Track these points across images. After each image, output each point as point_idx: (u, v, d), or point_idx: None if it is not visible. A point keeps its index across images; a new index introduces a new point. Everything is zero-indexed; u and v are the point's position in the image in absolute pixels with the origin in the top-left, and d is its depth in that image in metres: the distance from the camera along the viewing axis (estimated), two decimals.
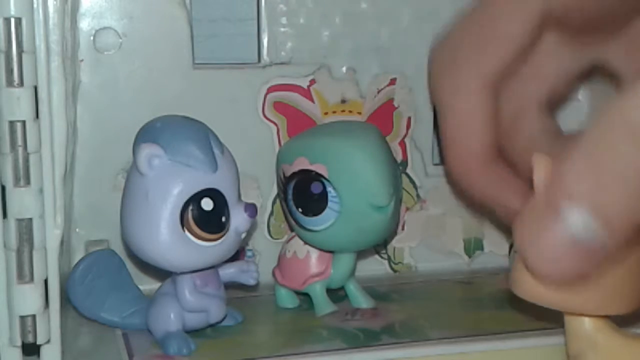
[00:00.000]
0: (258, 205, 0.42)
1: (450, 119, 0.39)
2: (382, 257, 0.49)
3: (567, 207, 0.27)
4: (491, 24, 0.38)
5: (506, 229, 0.40)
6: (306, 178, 0.41)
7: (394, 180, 0.41)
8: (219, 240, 0.37)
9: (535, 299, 0.30)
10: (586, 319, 0.31)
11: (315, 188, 0.40)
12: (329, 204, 0.40)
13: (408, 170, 0.49)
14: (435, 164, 0.49)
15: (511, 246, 0.31)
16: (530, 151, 0.38)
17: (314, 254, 0.43)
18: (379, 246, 0.49)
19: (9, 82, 0.33)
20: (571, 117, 0.48)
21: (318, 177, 0.40)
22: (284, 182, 0.42)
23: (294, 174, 0.41)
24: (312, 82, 0.47)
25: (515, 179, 0.39)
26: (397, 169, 0.42)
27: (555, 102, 0.41)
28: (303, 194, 0.41)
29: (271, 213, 0.47)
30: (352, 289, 0.43)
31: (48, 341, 0.35)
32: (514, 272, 0.31)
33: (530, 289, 0.30)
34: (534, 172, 0.29)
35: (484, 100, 0.38)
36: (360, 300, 0.43)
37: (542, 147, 0.39)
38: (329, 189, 0.40)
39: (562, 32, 0.39)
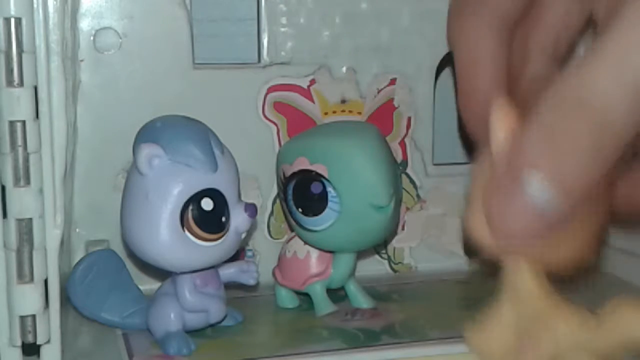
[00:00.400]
0: (258, 205, 0.42)
1: (460, 57, 0.40)
2: (382, 257, 0.49)
3: (527, 176, 0.29)
4: None
5: None
6: (306, 178, 0.41)
7: (394, 180, 0.41)
8: (219, 240, 0.37)
9: (480, 242, 0.31)
10: (520, 268, 0.32)
11: (315, 188, 0.40)
12: (329, 204, 0.40)
13: (408, 170, 0.49)
14: (435, 164, 0.49)
15: None
16: (531, 94, 0.39)
17: (314, 254, 0.43)
18: (379, 246, 0.49)
19: (9, 82, 0.33)
20: None
21: (318, 177, 0.40)
22: (284, 182, 0.42)
23: (294, 174, 0.41)
24: (312, 82, 0.47)
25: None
26: (397, 169, 0.42)
27: (560, 54, 0.42)
28: (303, 194, 0.41)
29: (271, 213, 0.47)
30: (352, 289, 0.43)
31: (48, 341, 0.35)
32: (467, 217, 0.32)
33: (473, 231, 0.31)
34: (493, 122, 0.31)
35: (493, 40, 0.39)
36: (360, 300, 0.43)
37: (541, 90, 0.40)
38: (329, 189, 0.40)
39: None
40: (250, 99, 0.46)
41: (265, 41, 0.46)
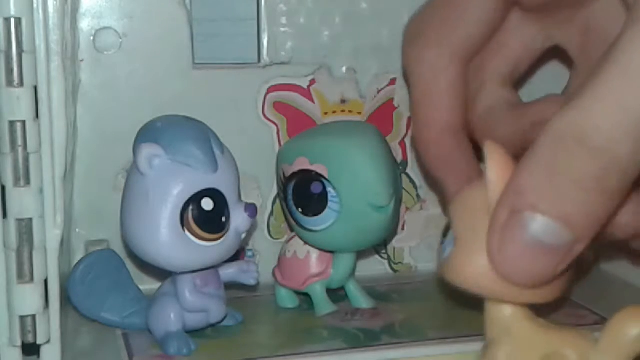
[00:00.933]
0: (258, 205, 0.42)
1: (415, 87, 0.40)
2: (382, 257, 0.49)
3: (530, 217, 0.29)
4: (461, 1, 0.39)
5: None
6: (306, 178, 0.41)
7: (394, 180, 0.41)
8: (219, 240, 0.37)
9: (466, 285, 0.31)
10: (505, 306, 0.32)
11: (315, 188, 0.40)
12: (329, 204, 0.40)
13: (408, 170, 0.49)
14: None
15: (445, 232, 0.33)
16: (486, 120, 0.40)
17: (314, 254, 0.43)
18: (379, 246, 0.49)
19: (9, 82, 0.33)
20: None
21: (318, 177, 0.40)
22: (284, 182, 0.42)
23: (294, 174, 0.41)
24: (312, 82, 0.47)
25: (464, 159, 0.40)
26: (397, 169, 0.42)
27: (517, 78, 0.42)
28: (303, 194, 0.41)
29: (271, 213, 0.47)
30: (352, 289, 0.43)
31: (48, 341, 0.35)
32: (451, 259, 0.32)
33: (461, 275, 0.31)
34: (487, 163, 0.31)
35: (449, 71, 0.39)
36: (361, 300, 0.43)
37: (499, 115, 0.40)
38: (329, 189, 0.40)
39: (525, 10, 0.40)
40: (250, 99, 0.46)
41: (265, 41, 0.46)
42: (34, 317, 0.35)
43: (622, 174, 0.28)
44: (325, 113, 0.47)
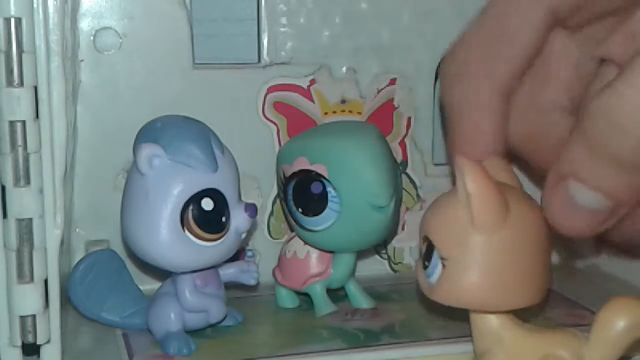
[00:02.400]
0: (258, 205, 0.42)
1: (460, 126, 0.39)
2: (382, 257, 0.49)
3: (573, 184, 0.33)
4: (500, 26, 0.38)
5: None
6: (306, 178, 0.41)
7: (394, 180, 0.41)
8: (219, 240, 0.37)
9: (459, 303, 0.33)
10: (491, 316, 0.33)
11: (315, 188, 0.40)
12: (329, 204, 0.40)
13: (408, 170, 0.49)
14: (436, 164, 0.49)
15: (426, 252, 0.34)
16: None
17: (314, 254, 0.43)
18: (379, 246, 0.49)
19: (9, 82, 0.33)
20: None
21: (318, 177, 0.40)
22: (284, 182, 0.42)
23: (294, 174, 0.41)
24: (312, 82, 0.47)
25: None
26: (397, 169, 0.42)
27: (577, 105, 0.41)
28: (303, 194, 0.41)
29: (271, 213, 0.47)
30: (352, 289, 0.43)
31: (48, 341, 0.35)
32: (443, 281, 0.33)
33: (455, 294, 0.33)
34: (464, 179, 0.32)
35: (496, 106, 0.39)
36: (361, 300, 0.43)
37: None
38: (329, 189, 0.40)
39: (568, 30, 0.39)
40: (250, 99, 0.46)
41: (265, 41, 0.46)
42: (34, 317, 0.35)
43: None
44: (325, 113, 0.47)
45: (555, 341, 0.32)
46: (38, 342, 0.35)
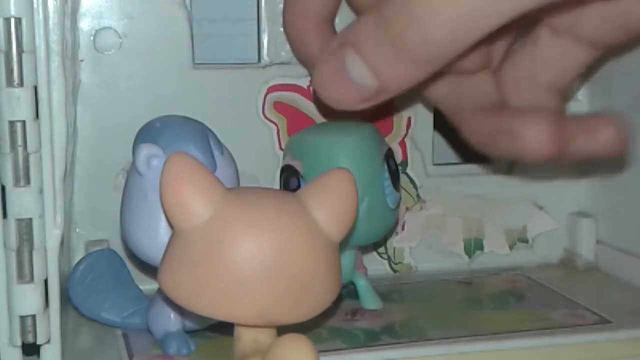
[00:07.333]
0: None
1: None
2: (382, 257, 0.49)
3: (351, 54, 0.34)
4: None
5: None
6: (288, 173, 0.41)
7: (368, 181, 0.39)
8: None
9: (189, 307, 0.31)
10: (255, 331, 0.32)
11: (293, 183, 0.40)
12: None
13: (408, 170, 0.49)
14: (436, 164, 0.49)
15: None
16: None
17: None
18: (379, 246, 0.49)
19: (9, 82, 0.33)
20: None
21: (296, 173, 0.40)
22: (279, 176, 0.42)
23: (282, 168, 0.42)
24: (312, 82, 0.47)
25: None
26: (380, 171, 0.40)
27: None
28: (285, 189, 0.41)
29: None
30: (362, 286, 0.43)
31: (48, 341, 0.35)
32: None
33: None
34: None
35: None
36: (368, 301, 0.43)
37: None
38: (303, 185, 0.40)
39: (556, 25, 0.39)
40: (250, 99, 0.46)
41: (265, 41, 0.46)
42: (34, 317, 0.35)
43: (439, 55, 0.33)
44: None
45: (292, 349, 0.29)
46: (38, 342, 0.35)
